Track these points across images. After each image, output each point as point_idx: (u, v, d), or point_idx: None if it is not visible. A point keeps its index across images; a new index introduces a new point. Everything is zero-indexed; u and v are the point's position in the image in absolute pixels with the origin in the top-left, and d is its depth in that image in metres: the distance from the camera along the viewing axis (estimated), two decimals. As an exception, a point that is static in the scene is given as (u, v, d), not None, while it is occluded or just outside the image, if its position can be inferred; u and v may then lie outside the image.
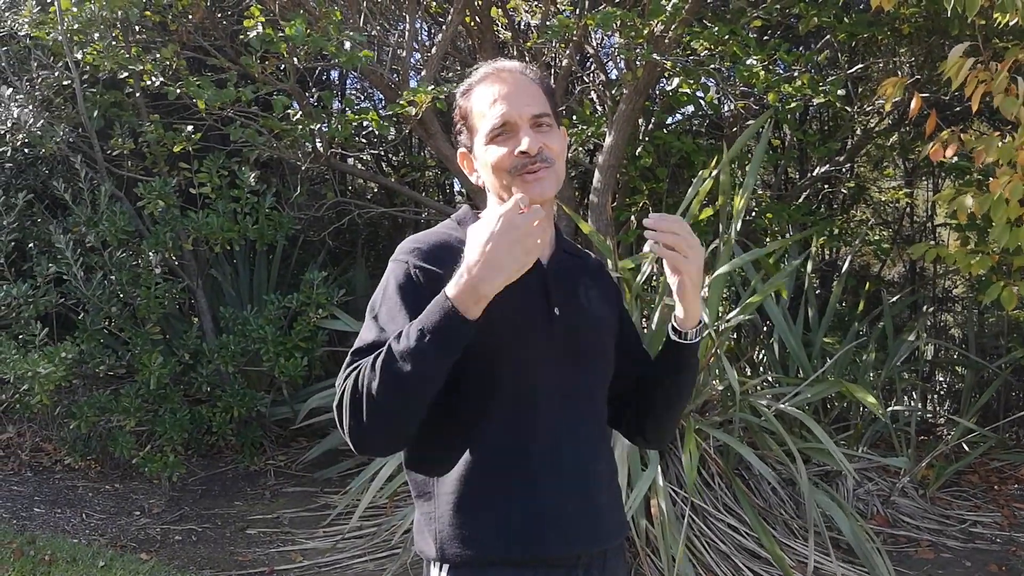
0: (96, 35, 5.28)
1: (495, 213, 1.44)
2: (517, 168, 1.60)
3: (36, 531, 4.59)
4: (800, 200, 6.82)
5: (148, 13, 5.33)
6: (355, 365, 1.53)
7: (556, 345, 1.63)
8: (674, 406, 1.83)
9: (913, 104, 3.72)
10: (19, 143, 5.39)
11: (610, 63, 6.71)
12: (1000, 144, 3.61)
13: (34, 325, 5.05)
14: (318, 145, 5.33)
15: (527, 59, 5.46)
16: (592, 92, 6.49)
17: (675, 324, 1.70)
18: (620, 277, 4.24)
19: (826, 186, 7.84)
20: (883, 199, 8.83)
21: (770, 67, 5.18)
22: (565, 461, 1.62)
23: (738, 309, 4.58)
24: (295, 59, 4.99)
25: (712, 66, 5.20)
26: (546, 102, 1.66)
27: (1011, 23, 3.70)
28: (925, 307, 7.59)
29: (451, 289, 1.43)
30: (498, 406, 1.59)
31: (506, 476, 1.59)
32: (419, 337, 1.43)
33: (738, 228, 4.56)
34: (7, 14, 5.50)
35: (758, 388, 5.02)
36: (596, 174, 5.51)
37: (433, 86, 4.84)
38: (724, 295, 5.79)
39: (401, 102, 4.73)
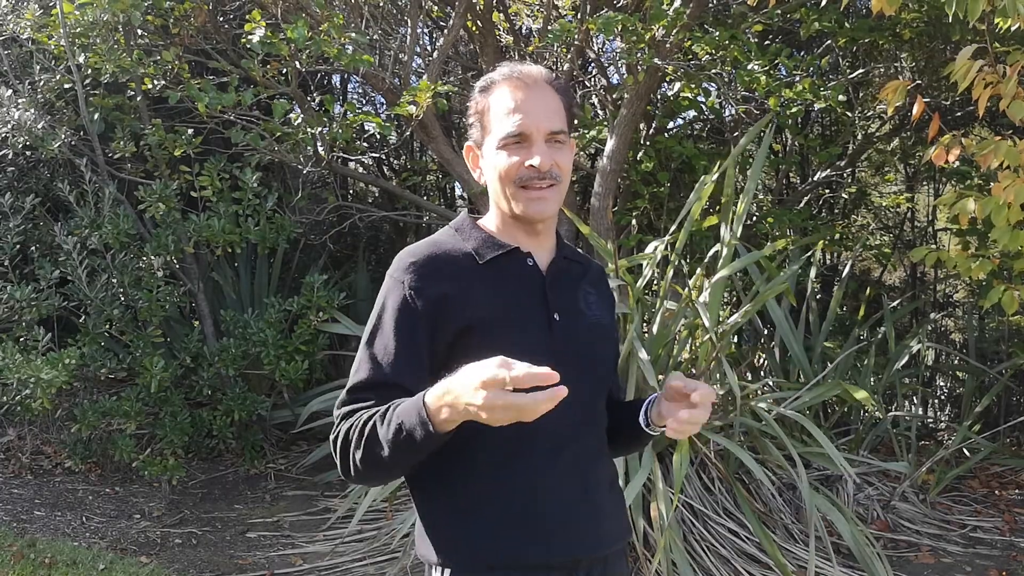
0: (98, 39, 5.29)
1: (486, 373, 1.31)
2: (523, 180, 1.60)
3: (36, 534, 4.59)
4: (801, 205, 6.83)
5: (150, 17, 5.33)
6: (349, 411, 1.55)
7: (555, 351, 1.62)
8: (614, 455, 1.86)
9: (916, 108, 3.72)
10: (20, 146, 5.40)
11: (611, 68, 6.72)
12: (1006, 148, 3.60)
13: (37, 330, 5.05)
14: (319, 149, 5.34)
15: (519, 62, 5.46)
16: (593, 96, 6.50)
17: (650, 417, 1.71)
18: (622, 281, 4.24)
19: (827, 191, 7.85)
20: (884, 204, 8.84)
21: (771, 72, 5.18)
22: (565, 466, 1.62)
23: (739, 313, 4.58)
24: (297, 63, 5.00)
25: (713, 71, 5.21)
26: (564, 117, 1.65)
27: (1012, 28, 3.71)
28: (930, 312, 7.59)
29: (429, 398, 1.39)
30: None
31: (506, 481, 1.59)
32: (396, 431, 1.43)
33: (738, 232, 4.56)
34: (9, 17, 5.51)
35: (759, 392, 5.02)
36: (597, 178, 5.51)
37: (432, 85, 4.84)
38: (725, 299, 5.79)
39: (402, 102, 4.73)
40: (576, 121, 5.94)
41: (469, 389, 1.32)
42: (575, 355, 1.65)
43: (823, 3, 5.30)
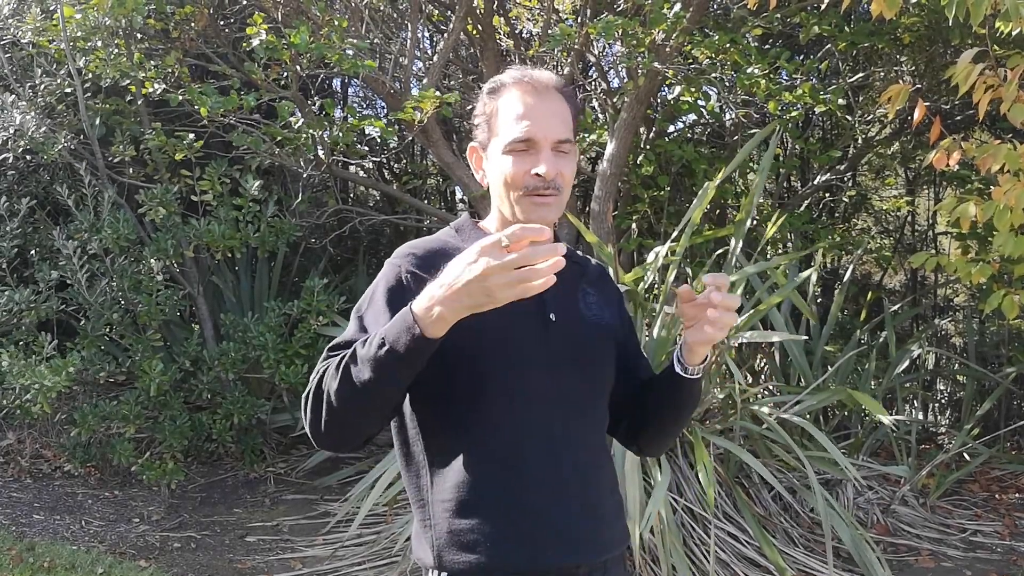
0: (99, 43, 5.29)
1: (477, 244, 1.34)
2: (528, 188, 1.60)
3: (35, 537, 4.58)
4: (801, 208, 6.83)
5: (151, 21, 5.34)
6: (327, 361, 1.53)
7: (552, 352, 1.62)
8: (671, 430, 1.84)
9: (917, 112, 3.71)
10: (21, 150, 5.40)
11: (611, 71, 6.72)
12: (1006, 152, 3.60)
13: (43, 336, 5.04)
14: (320, 153, 5.35)
15: (529, 66, 5.47)
16: (594, 100, 6.50)
17: (680, 359, 1.67)
18: (624, 287, 4.24)
19: (827, 195, 7.86)
20: (884, 208, 8.84)
21: (771, 76, 5.19)
22: (564, 470, 1.61)
23: (742, 318, 4.57)
24: (298, 67, 5.00)
25: (713, 75, 5.21)
26: (571, 125, 1.65)
27: (1013, 32, 3.71)
28: (931, 316, 7.59)
29: (416, 304, 1.40)
30: (493, 413, 1.58)
31: (503, 484, 1.58)
32: (379, 345, 1.41)
33: (743, 239, 4.58)
34: (11, 21, 5.51)
35: (759, 396, 5.02)
36: (597, 182, 5.51)
37: (436, 93, 4.84)
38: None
39: (406, 108, 4.73)
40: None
41: (465, 268, 1.33)
42: (572, 356, 1.65)
43: (823, 7, 5.31)
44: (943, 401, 7.76)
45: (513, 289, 1.32)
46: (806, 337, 5.23)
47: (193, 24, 5.50)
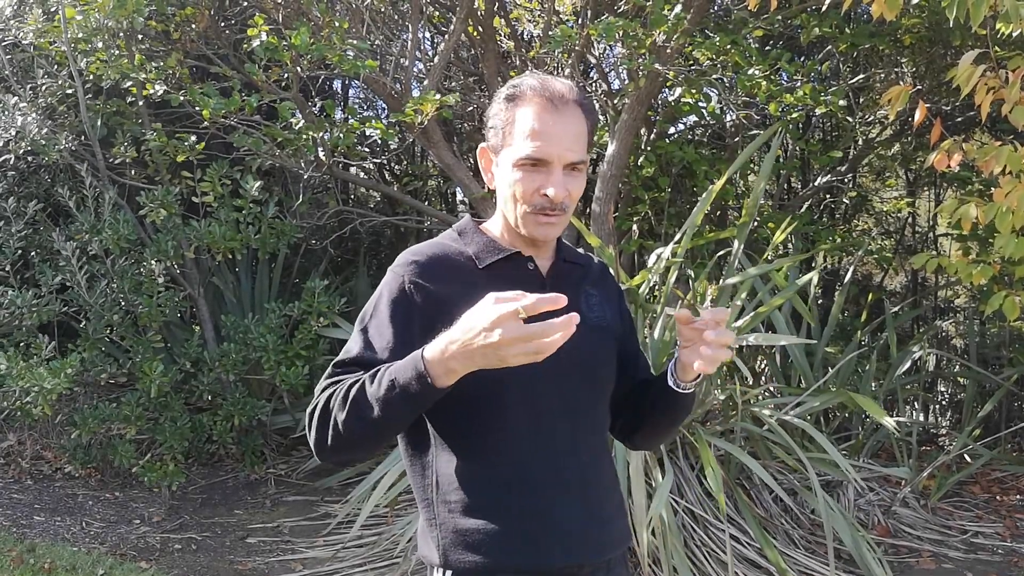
0: (100, 44, 5.29)
1: (494, 311, 1.32)
2: (535, 207, 1.61)
3: (36, 539, 4.58)
4: (802, 209, 6.83)
5: (152, 22, 5.34)
6: (333, 381, 1.55)
7: (556, 358, 1.61)
8: (667, 431, 1.87)
9: (918, 113, 3.71)
10: (22, 151, 5.40)
11: (612, 73, 6.72)
12: (1007, 154, 3.59)
13: (41, 339, 5.04)
14: (321, 154, 5.35)
15: (529, 68, 5.46)
16: (594, 101, 6.50)
17: (675, 374, 1.68)
18: (625, 286, 4.24)
19: (828, 196, 7.86)
20: (885, 209, 8.84)
21: (772, 77, 5.19)
22: (566, 472, 1.62)
23: (745, 319, 4.57)
24: (298, 68, 5.00)
25: (714, 76, 5.21)
26: (586, 141, 1.64)
27: (1014, 34, 3.71)
28: (931, 318, 7.59)
29: (429, 351, 1.40)
30: (498, 419, 1.59)
31: (507, 486, 1.59)
32: (389, 387, 1.42)
33: (744, 239, 4.57)
34: (12, 23, 5.52)
35: (759, 397, 5.01)
36: (598, 183, 5.51)
37: (437, 95, 4.84)
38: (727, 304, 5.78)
39: (407, 110, 4.73)
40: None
41: (479, 332, 1.33)
42: (575, 362, 1.65)
43: (824, 8, 5.31)
44: (944, 403, 7.76)
45: (527, 357, 1.33)
46: (813, 341, 5.24)
47: (194, 25, 5.50)
